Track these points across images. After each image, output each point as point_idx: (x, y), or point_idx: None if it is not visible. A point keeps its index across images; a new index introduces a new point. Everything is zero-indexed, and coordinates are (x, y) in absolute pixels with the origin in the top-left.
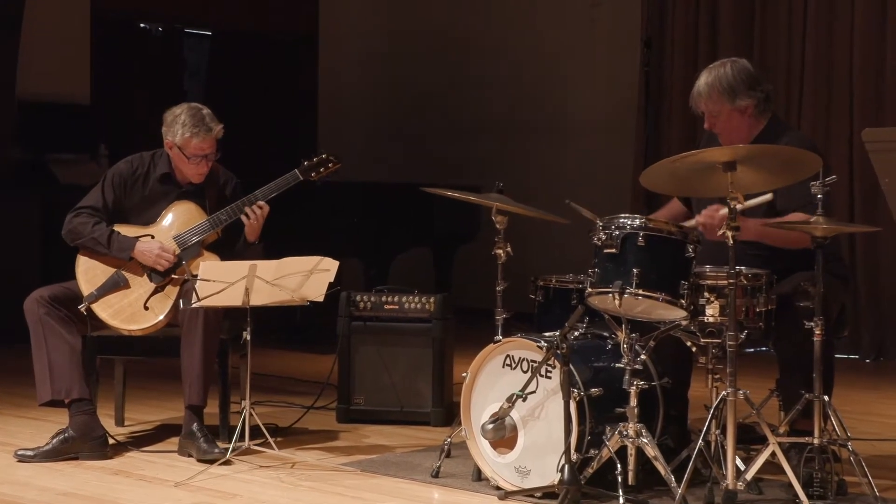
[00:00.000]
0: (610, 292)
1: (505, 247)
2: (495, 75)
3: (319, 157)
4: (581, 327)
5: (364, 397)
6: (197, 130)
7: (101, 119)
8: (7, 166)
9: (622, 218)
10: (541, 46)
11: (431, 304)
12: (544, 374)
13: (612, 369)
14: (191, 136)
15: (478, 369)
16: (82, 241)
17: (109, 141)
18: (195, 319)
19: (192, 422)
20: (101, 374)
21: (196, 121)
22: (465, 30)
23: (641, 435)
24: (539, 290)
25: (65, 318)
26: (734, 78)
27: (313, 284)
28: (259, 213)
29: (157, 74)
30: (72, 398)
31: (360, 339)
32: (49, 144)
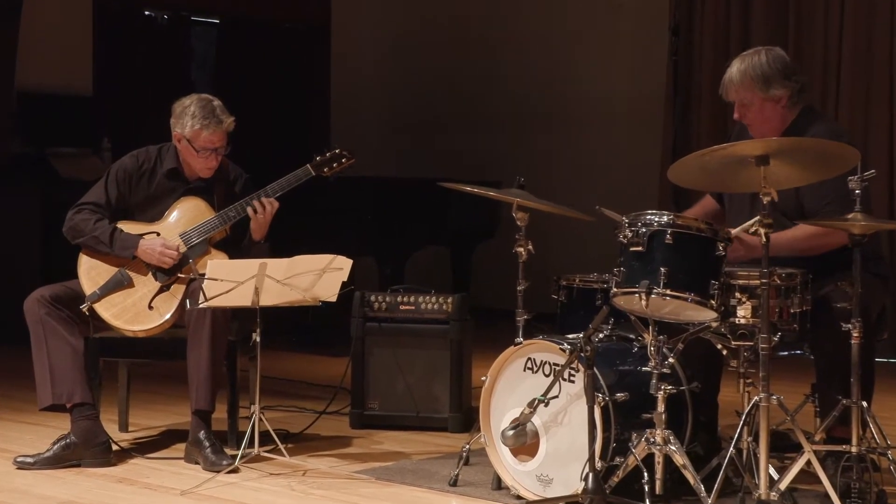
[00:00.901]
0: (636, 292)
1: (526, 245)
2: (515, 65)
3: (332, 152)
4: (606, 329)
5: (379, 402)
6: (207, 122)
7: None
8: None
9: (649, 215)
10: (563, 35)
11: (449, 305)
12: (567, 377)
13: (638, 373)
14: (201, 129)
15: (498, 373)
16: (84, 240)
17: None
18: (202, 320)
19: (199, 428)
20: (105, 377)
21: (206, 112)
22: (484, 18)
23: (669, 442)
24: (562, 290)
25: (66, 318)
26: (769, 66)
27: (326, 284)
28: (267, 209)
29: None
30: (74, 402)
31: (374, 341)
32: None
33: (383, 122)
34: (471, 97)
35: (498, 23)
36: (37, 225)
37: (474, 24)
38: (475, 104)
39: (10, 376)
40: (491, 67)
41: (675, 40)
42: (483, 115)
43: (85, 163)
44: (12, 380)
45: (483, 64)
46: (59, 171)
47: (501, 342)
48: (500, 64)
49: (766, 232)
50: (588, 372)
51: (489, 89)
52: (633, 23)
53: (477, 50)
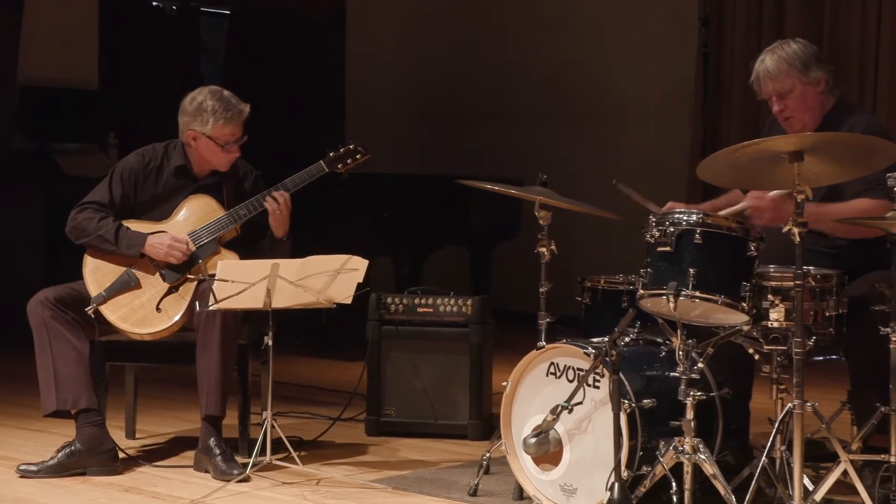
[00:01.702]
0: (664, 294)
1: (549, 244)
2: (538, 58)
3: (347, 148)
4: (632, 332)
5: (395, 408)
6: (229, 115)
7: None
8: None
9: (677, 213)
10: (588, 26)
11: (468, 307)
12: (592, 383)
13: (666, 378)
14: (224, 123)
15: (519, 378)
16: (88, 239)
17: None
18: (212, 323)
19: (209, 435)
20: (111, 382)
21: (225, 105)
22: (506, 9)
23: (699, 451)
24: (586, 292)
25: (71, 321)
26: (803, 51)
27: (340, 285)
28: (282, 202)
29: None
30: (79, 408)
31: (391, 345)
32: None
33: (400, 116)
34: (491, 90)
35: (521, 12)
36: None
37: (496, 13)
38: (496, 97)
39: (13, 381)
40: (513, 59)
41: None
42: (504, 108)
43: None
44: (15, 385)
45: (505, 55)
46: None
47: (523, 346)
48: (523, 55)
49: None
50: (613, 377)
51: (511, 82)
52: (661, 13)
53: (498, 40)
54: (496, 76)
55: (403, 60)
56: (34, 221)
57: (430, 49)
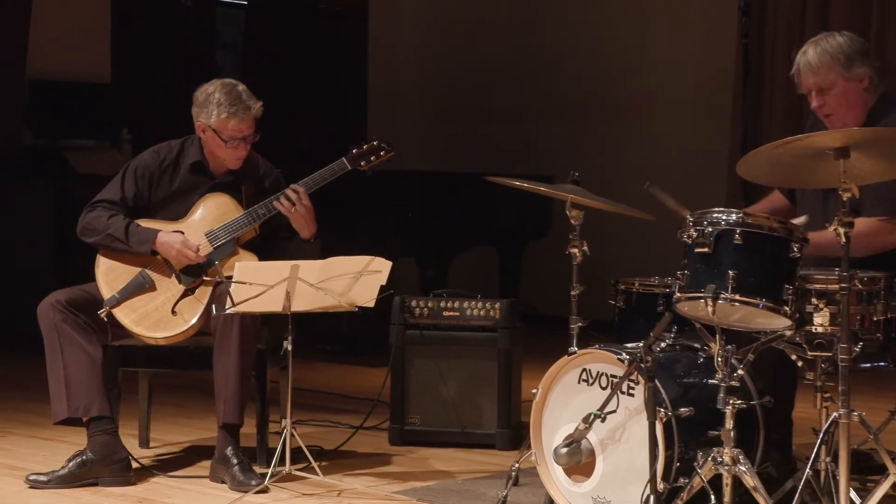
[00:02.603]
0: (702, 297)
1: (581, 245)
2: (570, 48)
3: (370, 145)
4: (668, 338)
5: (420, 416)
6: (234, 109)
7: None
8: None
9: (716, 212)
10: (623, 15)
11: (497, 311)
12: (626, 390)
13: (704, 386)
14: (228, 117)
15: (550, 385)
16: (98, 239)
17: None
18: (230, 327)
19: (226, 444)
20: (124, 388)
21: (233, 98)
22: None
23: (739, 462)
24: (620, 295)
25: (83, 325)
26: (848, 45)
27: (363, 288)
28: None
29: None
30: (91, 416)
31: (415, 351)
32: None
33: (425, 110)
34: (521, 83)
35: (551, 2)
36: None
37: (524, 4)
38: (526, 91)
39: (23, 388)
40: (544, 50)
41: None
42: (534, 102)
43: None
44: (25, 392)
45: (535, 46)
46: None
47: (554, 352)
48: (554, 47)
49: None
50: (649, 384)
51: (541, 74)
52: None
53: (528, 31)
54: (526, 69)
55: (429, 53)
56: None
57: (457, 41)
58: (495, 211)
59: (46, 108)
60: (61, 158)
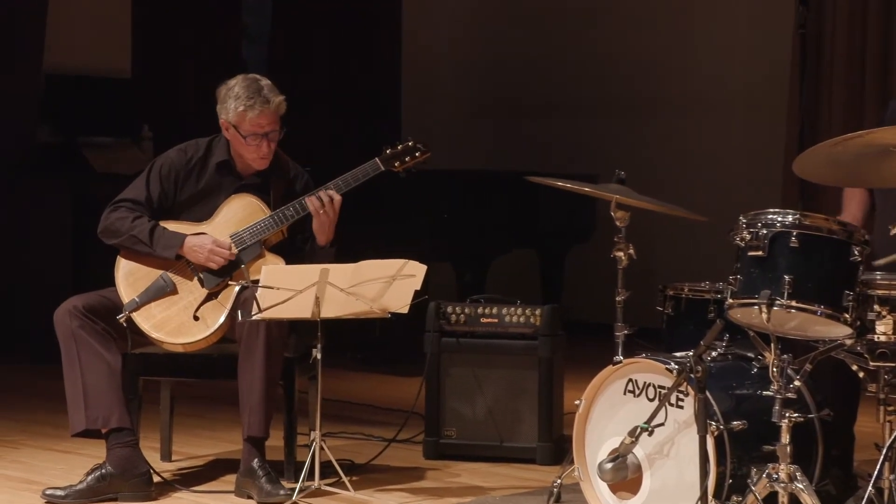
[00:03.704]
0: (756, 304)
1: (627, 248)
2: (615, 40)
3: (404, 145)
4: (720, 346)
5: (456, 429)
6: (252, 102)
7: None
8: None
9: (771, 214)
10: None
11: (537, 318)
12: (675, 402)
13: (758, 398)
14: (245, 110)
15: (594, 396)
16: (121, 240)
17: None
18: (255, 334)
19: (251, 457)
20: (145, 398)
21: (251, 92)
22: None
23: (796, 479)
24: (668, 301)
25: (102, 332)
26: None
27: (396, 293)
28: (329, 205)
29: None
30: (110, 427)
31: (451, 359)
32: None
33: (462, 106)
34: (562, 77)
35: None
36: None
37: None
38: (568, 86)
39: (39, 398)
40: (587, 43)
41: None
42: (577, 98)
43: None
44: (41, 402)
45: (578, 39)
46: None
47: (598, 361)
48: (597, 38)
49: None
50: (699, 396)
51: (584, 68)
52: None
53: (570, 23)
54: (566, 63)
55: (466, 46)
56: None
57: (495, 33)
58: (536, 212)
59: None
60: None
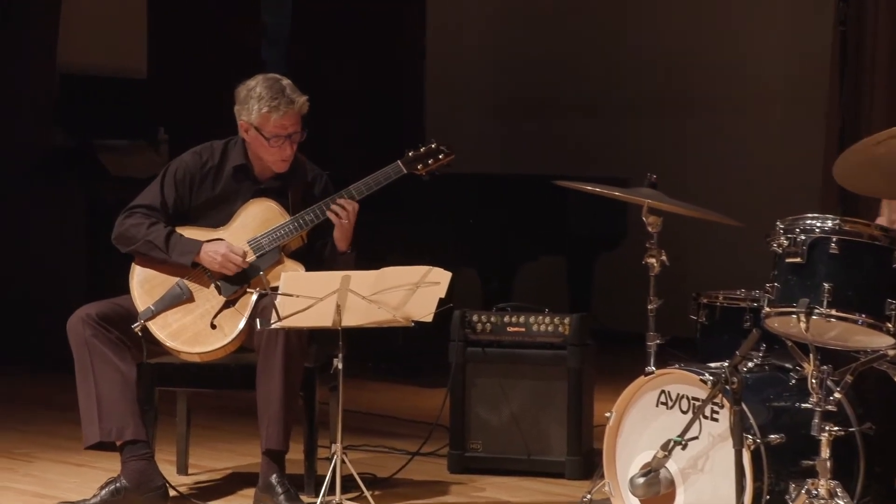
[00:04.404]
0: (794, 313)
1: (659, 255)
2: (647, 36)
3: (428, 147)
4: (756, 357)
5: (482, 442)
6: (276, 104)
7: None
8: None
9: (809, 219)
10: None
11: (566, 326)
12: (710, 415)
13: (796, 411)
14: (269, 112)
15: (625, 408)
16: (136, 247)
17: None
18: (274, 343)
19: (270, 471)
20: (160, 410)
21: (274, 92)
22: None
23: (836, 496)
24: (702, 310)
25: (116, 341)
26: None
27: (420, 301)
28: (351, 210)
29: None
30: (124, 440)
31: (477, 370)
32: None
33: (488, 106)
34: (593, 76)
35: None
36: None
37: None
38: (599, 84)
39: (52, 409)
40: (618, 39)
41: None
42: (608, 97)
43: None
44: (54, 414)
45: (607, 35)
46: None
47: (629, 372)
48: (628, 35)
49: None
50: (735, 408)
51: (615, 66)
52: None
53: (601, 18)
54: (598, 60)
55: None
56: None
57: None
58: (564, 217)
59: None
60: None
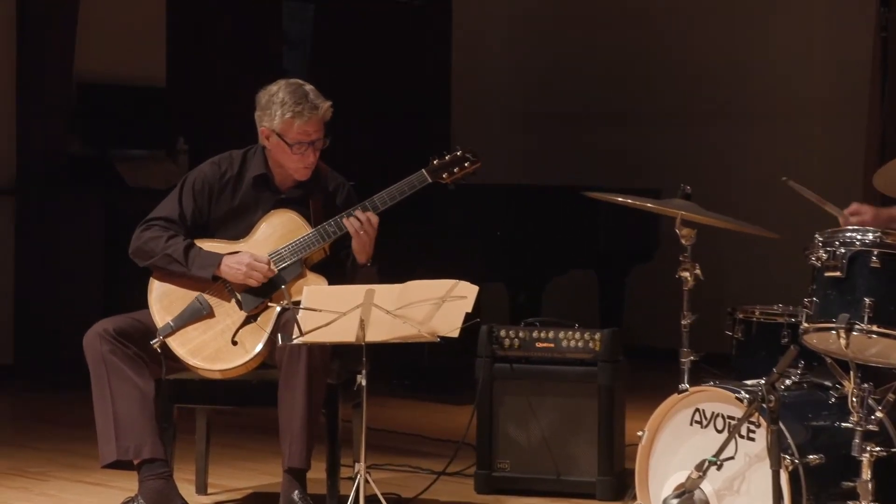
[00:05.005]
0: (834, 329)
1: (693, 268)
2: (680, 43)
3: (453, 155)
4: (794, 374)
5: (510, 461)
6: (300, 109)
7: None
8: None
9: (850, 231)
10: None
11: (597, 342)
12: (746, 434)
13: (836, 430)
14: (293, 117)
15: (658, 427)
16: (154, 261)
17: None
18: (296, 359)
19: (291, 490)
20: (179, 427)
21: (298, 98)
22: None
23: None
24: (738, 325)
25: (134, 357)
26: None
27: (446, 315)
28: (366, 222)
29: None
30: (142, 458)
31: (504, 387)
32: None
33: (515, 115)
34: (624, 83)
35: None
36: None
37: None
38: (630, 92)
39: (68, 427)
40: (649, 46)
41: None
42: (640, 105)
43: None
44: (70, 431)
45: (639, 42)
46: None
47: (662, 389)
48: (661, 42)
49: None
50: (772, 428)
51: (647, 73)
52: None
53: (631, 24)
54: (629, 67)
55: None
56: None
57: (551, 37)
58: (595, 229)
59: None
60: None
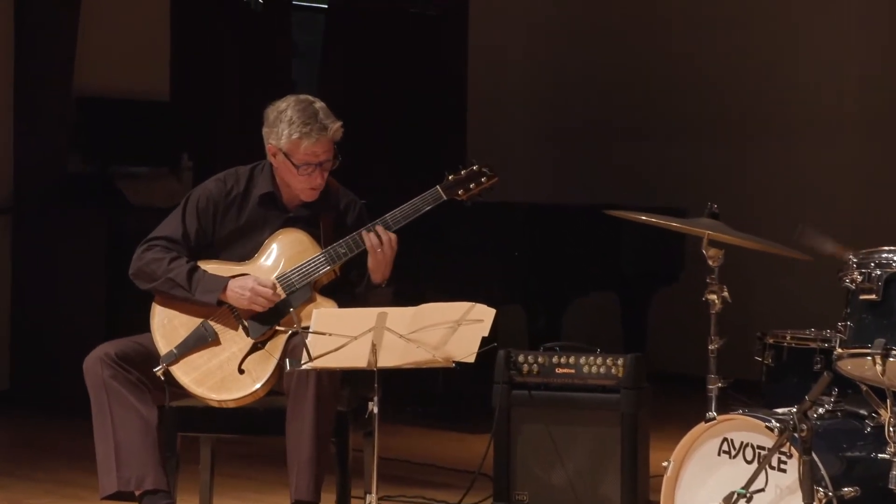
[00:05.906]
0: (869, 354)
1: (720, 291)
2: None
3: (469, 170)
4: (828, 402)
5: (529, 493)
6: (308, 129)
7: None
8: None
9: (886, 252)
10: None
11: (619, 368)
12: (777, 465)
13: (871, 461)
14: (300, 138)
15: (684, 457)
16: (156, 285)
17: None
18: (305, 386)
19: None
20: (183, 457)
21: (306, 117)
22: None
23: None
24: (768, 351)
25: (136, 382)
26: None
27: (461, 340)
28: (386, 241)
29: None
30: (144, 489)
31: (523, 414)
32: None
33: (533, 130)
34: (646, 98)
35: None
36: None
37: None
38: (652, 108)
39: (67, 456)
40: (675, 59)
41: None
42: (664, 120)
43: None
44: (69, 460)
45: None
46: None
47: (688, 417)
48: (686, 54)
49: None
50: (804, 458)
51: (672, 87)
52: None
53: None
54: (651, 81)
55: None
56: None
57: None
58: (618, 249)
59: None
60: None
